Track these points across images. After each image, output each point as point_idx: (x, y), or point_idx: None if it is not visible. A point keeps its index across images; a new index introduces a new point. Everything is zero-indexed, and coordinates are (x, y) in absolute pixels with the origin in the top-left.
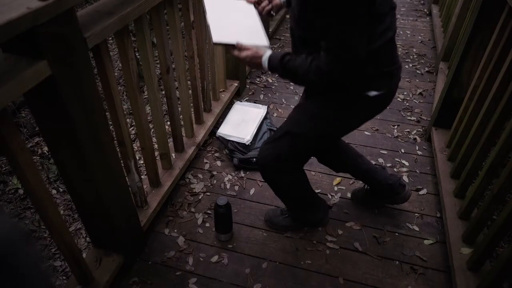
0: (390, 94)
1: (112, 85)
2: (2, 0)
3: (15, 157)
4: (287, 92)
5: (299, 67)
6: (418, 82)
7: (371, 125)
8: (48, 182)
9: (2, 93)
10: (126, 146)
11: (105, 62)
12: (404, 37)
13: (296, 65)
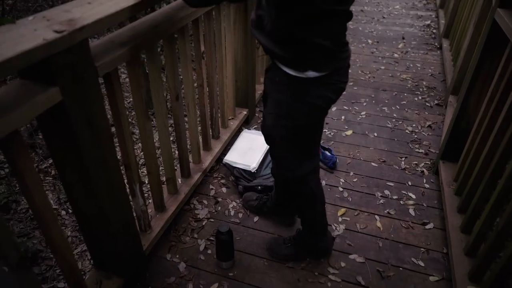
0: (332, 79)
1: (121, 111)
2: (21, 31)
3: (23, 177)
4: None
5: None
6: (427, 114)
7: (378, 156)
8: (59, 203)
9: (15, 116)
10: (132, 170)
11: (115, 89)
12: (414, 70)
13: None
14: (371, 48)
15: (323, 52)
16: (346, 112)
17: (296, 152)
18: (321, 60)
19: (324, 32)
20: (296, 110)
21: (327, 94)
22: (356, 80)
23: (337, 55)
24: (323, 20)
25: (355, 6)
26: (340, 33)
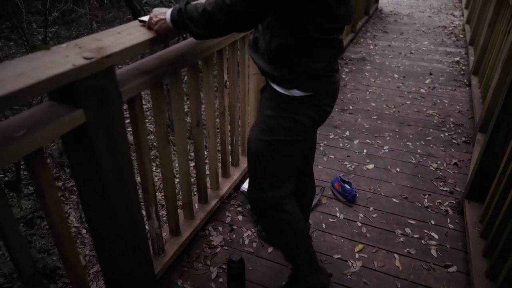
0: (318, 100)
1: (141, 134)
2: (54, 57)
3: (43, 194)
4: (317, 152)
5: (199, 4)
6: (453, 152)
7: (400, 192)
8: (81, 221)
9: (41, 134)
10: (150, 193)
11: (137, 113)
12: (441, 106)
13: (198, 4)
14: (397, 82)
15: (310, 74)
16: (368, 146)
17: (270, 171)
18: (307, 81)
19: (314, 56)
20: (276, 123)
21: (311, 113)
22: (380, 114)
23: (325, 78)
24: (313, 46)
25: (382, 41)
26: (330, 58)
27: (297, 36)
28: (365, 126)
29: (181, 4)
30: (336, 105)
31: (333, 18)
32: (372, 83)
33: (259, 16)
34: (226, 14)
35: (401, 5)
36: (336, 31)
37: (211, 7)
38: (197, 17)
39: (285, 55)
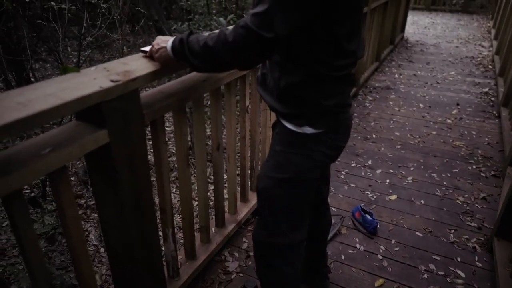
0: (330, 137)
1: (162, 156)
2: (83, 79)
3: (64, 211)
4: (338, 181)
5: (201, 37)
6: (481, 185)
7: (424, 225)
8: (100, 239)
9: (66, 152)
10: (167, 214)
11: (159, 135)
12: (468, 137)
13: (200, 36)
14: (423, 112)
15: (322, 111)
16: (391, 176)
17: (279, 214)
18: (319, 118)
19: (325, 93)
20: (287, 160)
21: (323, 150)
22: (405, 144)
23: (337, 114)
24: (324, 83)
25: (407, 70)
26: (342, 94)
27: (307, 74)
28: (388, 155)
29: (184, 34)
30: (358, 133)
31: (345, 55)
32: (396, 112)
33: (263, 57)
34: (228, 52)
35: (428, 35)
36: (348, 67)
37: (213, 42)
38: (198, 50)
39: (295, 93)
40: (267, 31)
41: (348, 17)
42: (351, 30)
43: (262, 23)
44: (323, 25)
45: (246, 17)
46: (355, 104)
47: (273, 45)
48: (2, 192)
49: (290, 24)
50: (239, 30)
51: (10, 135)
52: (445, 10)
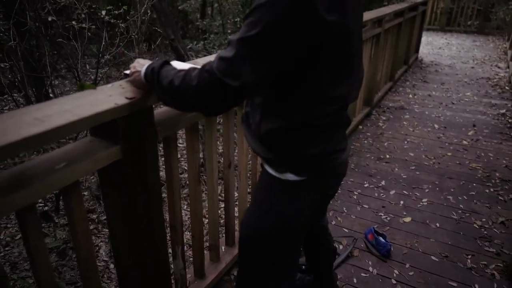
0: (317, 185)
1: (174, 172)
2: (99, 96)
3: (75, 225)
4: (350, 201)
5: (172, 71)
6: (500, 209)
7: (439, 249)
8: (110, 255)
9: (79, 167)
10: (177, 232)
11: (171, 152)
12: (485, 159)
13: (171, 70)
14: (438, 133)
15: (306, 159)
16: (405, 197)
17: (263, 266)
18: (303, 165)
19: (309, 142)
20: (269, 209)
21: (308, 198)
22: (419, 165)
23: (324, 162)
24: (307, 131)
25: (421, 90)
26: (329, 141)
27: (288, 121)
28: (402, 176)
29: (157, 63)
30: (372, 153)
31: (329, 101)
32: (410, 132)
33: (231, 104)
34: (191, 95)
35: (442, 55)
36: (334, 114)
37: (178, 82)
38: (165, 86)
39: (276, 139)
40: (232, 79)
41: (334, 62)
42: (339, 74)
43: (228, 70)
44: (301, 71)
45: (213, 60)
46: (368, 124)
47: (240, 93)
48: (17, 206)
49: (258, 74)
50: (204, 74)
51: (26, 150)
52: (460, 31)
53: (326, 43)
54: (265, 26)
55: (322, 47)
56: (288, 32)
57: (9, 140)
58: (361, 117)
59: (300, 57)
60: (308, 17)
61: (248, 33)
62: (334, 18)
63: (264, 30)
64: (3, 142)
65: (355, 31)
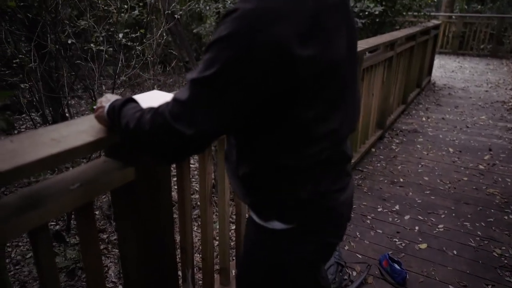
0: (312, 233)
1: (186, 194)
2: None
3: (86, 246)
4: (363, 226)
5: (131, 111)
6: None
7: (457, 278)
8: (119, 277)
9: (93, 188)
10: (187, 254)
11: (184, 173)
12: (503, 184)
13: (131, 109)
14: (453, 157)
15: (294, 202)
16: (420, 223)
17: None
18: (291, 210)
19: (297, 183)
20: (257, 263)
21: (301, 252)
22: (434, 189)
23: (316, 204)
24: (294, 173)
25: (435, 113)
26: (322, 181)
27: (270, 163)
28: (417, 200)
29: (119, 101)
30: (385, 176)
31: (317, 139)
32: (424, 156)
33: (190, 153)
34: (144, 141)
35: (455, 79)
36: (325, 151)
37: (132, 125)
38: (123, 127)
39: (257, 183)
40: (186, 126)
41: (319, 99)
42: (326, 110)
43: (180, 115)
44: (279, 112)
45: (168, 101)
46: (381, 146)
47: (197, 142)
48: (30, 226)
49: (217, 122)
50: (156, 117)
51: (43, 170)
52: (472, 54)
53: (305, 82)
54: (223, 65)
55: (300, 87)
56: (252, 72)
57: (26, 160)
58: (374, 139)
59: (274, 99)
60: (277, 54)
61: (203, 73)
62: (311, 52)
63: (223, 70)
64: (20, 162)
65: (344, 60)
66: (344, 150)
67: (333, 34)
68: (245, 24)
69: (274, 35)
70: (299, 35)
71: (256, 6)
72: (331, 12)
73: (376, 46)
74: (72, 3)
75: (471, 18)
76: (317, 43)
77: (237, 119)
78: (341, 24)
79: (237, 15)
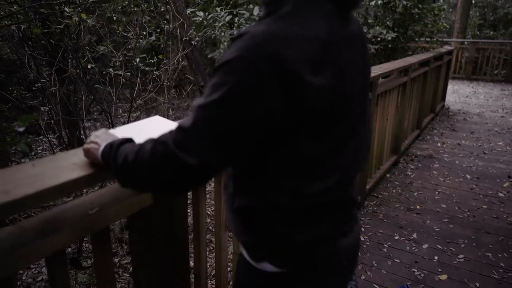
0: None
1: (201, 220)
2: None
3: (100, 272)
4: (380, 254)
5: (129, 148)
6: None
7: None
8: None
9: (111, 213)
10: (201, 281)
11: (200, 198)
12: None
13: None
14: (470, 184)
15: (289, 244)
16: (439, 252)
17: None
18: (284, 253)
19: (295, 225)
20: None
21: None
22: (452, 217)
23: (313, 249)
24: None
25: (450, 139)
26: (325, 223)
27: (268, 200)
28: (435, 229)
29: (117, 141)
30: (401, 203)
31: (321, 176)
32: (441, 182)
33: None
34: (144, 174)
35: (470, 104)
36: (330, 191)
37: (132, 157)
38: (119, 163)
39: (252, 220)
40: (189, 155)
41: (326, 133)
42: (334, 144)
43: (184, 143)
44: (281, 143)
45: (172, 129)
46: (395, 172)
47: (201, 172)
48: (50, 250)
49: (223, 151)
50: (158, 146)
51: (64, 195)
52: (486, 79)
53: (315, 113)
54: (230, 89)
55: (309, 119)
56: (260, 97)
57: (48, 185)
58: (388, 165)
59: (280, 128)
60: (287, 79)
61: (209, 97)
62: (323, 82)
63: (230, 93)
64: (41, 187)
65: (357, 93)
66: (350, 193)
67: (348, 66)
68: (253, 47)
69: (284, 59)
70: (311, 62)
71: (265, 30)
72: (347, 43)
73: (390, 72)
74: (93, 30)
75: (483, 43)
76: (330, 73)
77: (244, 147)
78: (357, 57)
79: (246, 38)
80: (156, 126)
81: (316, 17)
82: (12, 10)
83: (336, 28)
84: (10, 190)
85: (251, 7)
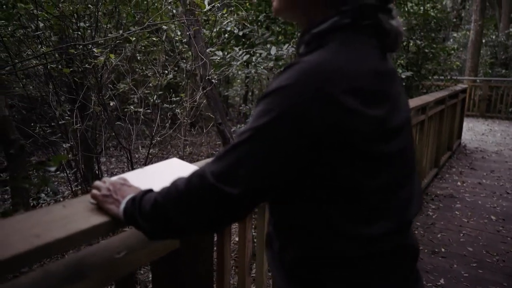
0: None
1: (225, 262)
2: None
3: None
4: None
5: (153, 194)
6: None
7: None
8: None
9: (139, 257)
10: None
11: (224, 241)
12: None
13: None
14: (496, 225)
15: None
16: None
17: None
18: None
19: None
20: None
21: None
22: (481, 261)
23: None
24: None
25: (470, 178)
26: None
27: (322, 249)
28: (463, 274)
29: (139, 193)
30: (425, 245)
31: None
32: (465, 223)
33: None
34: (179, 209)
35: (487, 142)
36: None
37: (162, 197)
38: (148, 212)
39: (307, 275)
40: (230, 184)
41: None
42: (392, 178)
43: (225, 172)
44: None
45: (207, 163)
46: None
47: (241, 204)
48: None
49: (268, 177)
50: (194, 179)
51: (95, 238)
52: (501, 117)
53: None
54: (279, 114)
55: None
56: (310, 124)
57: (78, 228)
58: None
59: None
60: (341, 108)
61: (255, 123)
62: (377, 112)
63: (278, 119)
64: (72, 231)
65: (405, 126)
66: (410, 240)
67: (397, 97)
68: (307, 75)
69: (335, 90)
70: (364, 93)
71: (318, 61)
72: (391, 77)
73: None
74: (116, 68)
75: (496, 82)
76: (384, 104)
77: (286, 175)
78: (400, 90)
79: (297, 68)
80: (174, 169)
81: (365, 50)
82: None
83: (381, 61)
84: (41, 233)
85: (268, 46)
